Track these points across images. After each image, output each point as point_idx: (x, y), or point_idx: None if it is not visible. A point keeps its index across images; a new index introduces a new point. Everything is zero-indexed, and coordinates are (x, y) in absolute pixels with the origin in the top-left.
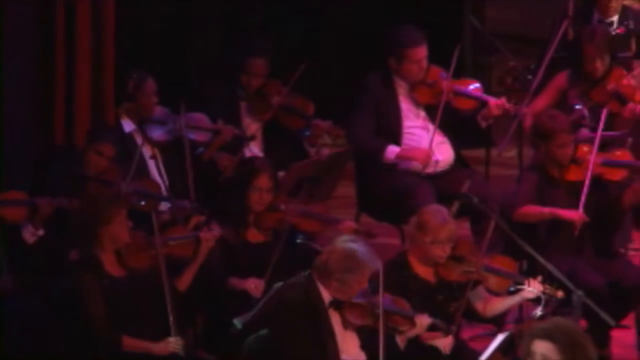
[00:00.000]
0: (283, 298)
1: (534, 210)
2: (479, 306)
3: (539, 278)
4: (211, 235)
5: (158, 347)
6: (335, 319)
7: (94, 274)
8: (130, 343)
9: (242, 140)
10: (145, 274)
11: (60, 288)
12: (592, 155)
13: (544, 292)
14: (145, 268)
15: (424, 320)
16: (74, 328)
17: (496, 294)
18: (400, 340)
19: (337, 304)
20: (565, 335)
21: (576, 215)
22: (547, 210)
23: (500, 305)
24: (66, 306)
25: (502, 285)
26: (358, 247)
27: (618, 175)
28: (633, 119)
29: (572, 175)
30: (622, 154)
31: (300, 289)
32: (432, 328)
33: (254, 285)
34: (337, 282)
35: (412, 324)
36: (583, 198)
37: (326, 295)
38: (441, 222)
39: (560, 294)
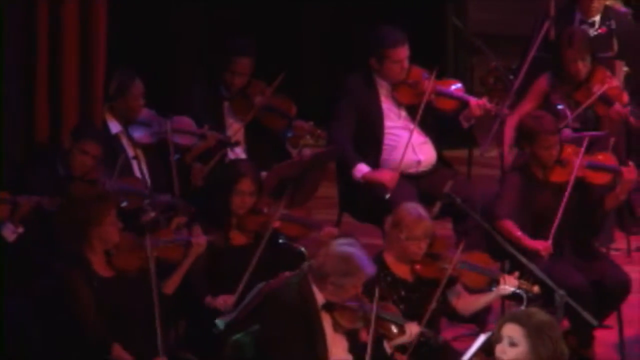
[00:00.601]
0: (277, 297)
1: (509, 228)
2: (457, 304)
3: (516, 274)
4: (203, 240)
5: None
6: (326, 321)
7: (82, 274)
8: (119, 353)
9: (226, 146)
10: (133, 275)
11: (47, 288)
12: (578, 158)
13: (519, 288)
14: (134, 269)
15: (413, 329)
16: (60, 328)
17: (473, 290)
18: (388, 346)
19: (329, 307)
20: (533, 320)
21: (542, 245)
22: (518, 234)
23: (477, 302)
24: (53, 306)
25: (479, 281)
26: (355, 251)
27: (602, 179)
28: (619, 120)
29: (557, 176)
30: (606, 158)
31: (294, 289)
32: (421, 337)
33: (222, 302)
34: (332, 286)
35: (402, 331)
36: (564, 201)
37: (320, 298)
38: (416, 218)
39: (536, 289)
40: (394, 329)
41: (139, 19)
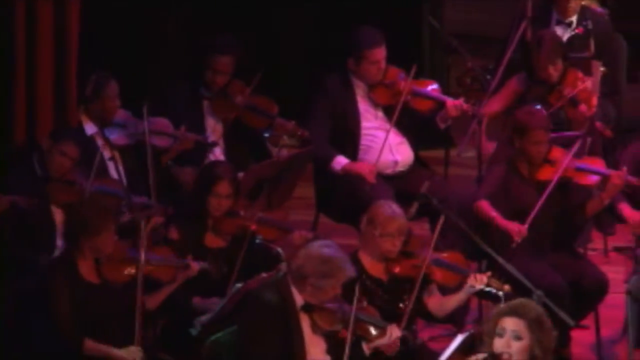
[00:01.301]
0: (256, 298)
1: (484, 209)
2: (429, 303)
3: (487, 273)
4: (196, 267)
5: (118, 353)
6: (305, 322)
7: (66, 276)
8: (92, 346)
9: (203, 146)
10: (119, 285)
11: (28, 288)
12: (566, 158)
13: (488, 286)
14: (120, 282)
15: (394, 332)
16: (38, 328)
17: (446, 288)
18: (367, 348)
19: (308, 308)
20: (532, 313)
21: (516, 227)
22: (493, 214)
23: (449, 302)
24: (33, 306)
25: (451, 279)
26: (334, 252)
27: (589, 181)
28: (585, 122)
29: (543, 174)
30: (595, 162)
31: (273, 290)
32: (401, 340)
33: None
34: (311, 287)
35: (382, 333)
36: (543, 198)
37: (298, 299)
38: (390, 215)
39: (507, 288)
40: (373, 331)
41: (114, 19)
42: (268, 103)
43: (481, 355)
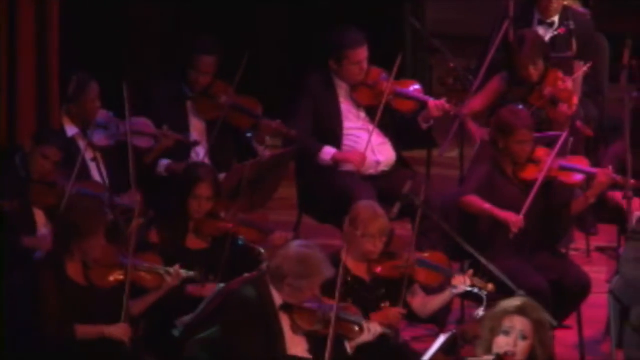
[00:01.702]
0: (236, 298)
1: (475, 202)
2: (413, 303)
3: (470, 272)
4: (184, 274)
5: (110, 330)
6: (285, 322)
7: (54, 274)
8: (83, 330)
9: (186, 146)
10: (106, 289)
11: (15, 285)
12: (550, 157)
13: (472, 286)
14: (107, 286)
15: (375, 329)
16: (24, 325)
17: (428, 289)
18: (350, 347)
19: (287, 308)
20: (537, 314)
21: (513, 217)
22: (487, 206)
23: (432, 302)
24: (19, 303)
25: (434, 279)
26: (312, 252)
27: (574, 180)
28: (565, 122)
29: (528, 174)
30: (580, 160)
31: (252, 290)
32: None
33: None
34: (289, 287)
35: (362, 330)
36: (531, 198)
37: (277, 298)
38: (372, 216)
39: (490, 287)
40: (355, 330)
41: (95, 20)
42: (252, 103)
43: (488, 357)
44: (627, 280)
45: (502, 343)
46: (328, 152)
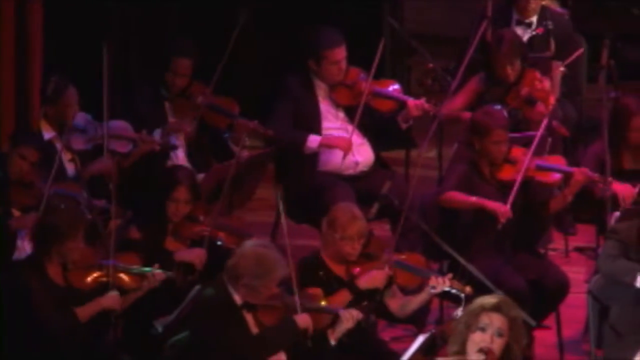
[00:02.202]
0: (200, 299)
1: (460, 197)
2: (391, 304)
3: (449, 275)
4: (163, 276)
5: (105, 300)
6: (250, 321)
7: (37, 275)
8: (83, 313)
9: (165, 149)
10: (86, 291)
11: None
12: (526, 157)
13: (451, 288)
14: (87, 289)
15: (353, 314)
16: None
17: (407, 290)
18: (333, 338)
19: (249, 307)
20: (513, 312)
21: (502, 207)
22: (474, 199)
23: (410, 303)
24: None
25: (412, 281)
26: (268, 252)
27: (552, 179)
28: (543, 120)
29: (505, 174)
30: (557, 160)
31: (212, 286)
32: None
33: (197, 257)
34: (245, 287)
35: (339, 318)
36: (511, 198)
37: (237, 298)
38: (350, 218)
39: (468, 289)
40: (329, 319)
41: (76, 23)
42: (229, 103)
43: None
44: (605, 277)
45: (478, 339)
46: (314, 139)
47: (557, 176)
